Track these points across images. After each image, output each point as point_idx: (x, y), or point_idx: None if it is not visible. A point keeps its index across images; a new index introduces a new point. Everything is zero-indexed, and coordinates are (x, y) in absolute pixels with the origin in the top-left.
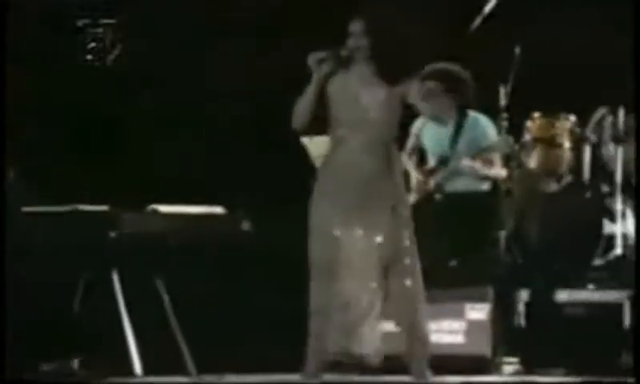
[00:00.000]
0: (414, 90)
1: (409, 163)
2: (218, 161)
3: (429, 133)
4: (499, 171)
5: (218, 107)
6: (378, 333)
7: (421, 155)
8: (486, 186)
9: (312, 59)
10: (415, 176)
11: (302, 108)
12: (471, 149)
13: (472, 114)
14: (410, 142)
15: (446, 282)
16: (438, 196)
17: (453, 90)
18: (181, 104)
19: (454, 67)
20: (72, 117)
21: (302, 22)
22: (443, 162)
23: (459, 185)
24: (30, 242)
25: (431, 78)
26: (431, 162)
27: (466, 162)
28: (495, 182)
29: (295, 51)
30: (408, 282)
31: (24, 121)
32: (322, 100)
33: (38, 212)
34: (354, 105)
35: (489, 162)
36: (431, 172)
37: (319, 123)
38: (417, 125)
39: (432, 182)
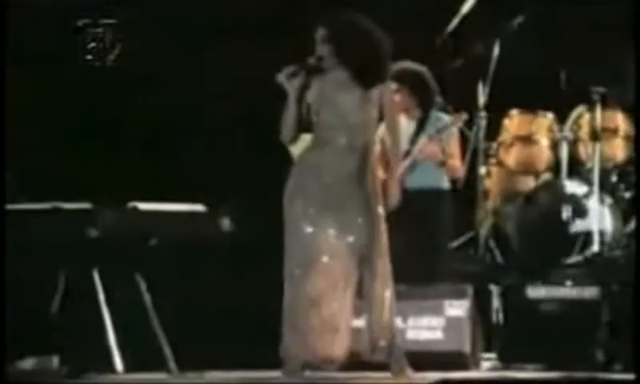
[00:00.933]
0: (386, 103)
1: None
2: (200, 159)
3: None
4: (457, 163)
5: (204, 107)
6: (351, 331)
7: None
8: (445, 185)
9: (282, 76)
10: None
11: (287, 123)
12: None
13: (435, 112)
14: (376, 149)
15: (409, 279)
16: None
17: (415, 90)
18: (168, 104)
19: (415, 66)
20: (67, 116)
21: (298, 24)
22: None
23: (418, 182)
24: (11, 240)
25: (394, 79)
26: None
27: (420, 145)
28: (454, 181)
29: (289, 53)
30: (381, 282)
31: (24, 121)
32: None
33: (19, 210)
34: (333, 110)
35: (446, 153)
36: None
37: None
38: (380, 130)
39: None
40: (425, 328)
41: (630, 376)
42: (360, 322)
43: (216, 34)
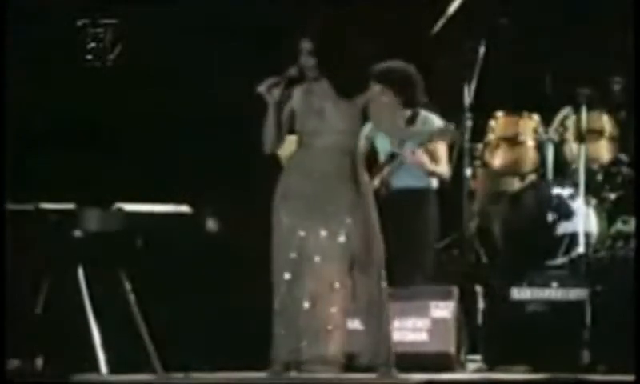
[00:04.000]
0: (374, 107)
1: None
2: (186, 160)
3: (381, 134)
4: (444, 168)
5: (192, 107)
6: (344, 333)
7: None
8: (433, 184)
9: (262, 88)
10: None
11: (268, 135)
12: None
13: (423, 112)
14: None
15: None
16: (382, 191)
17: (402, 89)
18: (157, 105)
19: (401, 65)
20: (59, 116)
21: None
22: (391, 157)
23: (404, 181)
24: None
25: (379, 79)
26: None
27: (409, 152)
28: (441, 180)
29: (279, 57)
30: (373, 282)
31: (23, 121)
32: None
33: (3, 210)
34: (318, 118)
35: (435, 157)
36: (379, 169)
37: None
38: (368, 128)
39: (377, 179)
40: (410, 329)
41: (630, 377)
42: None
43: (211, 35)
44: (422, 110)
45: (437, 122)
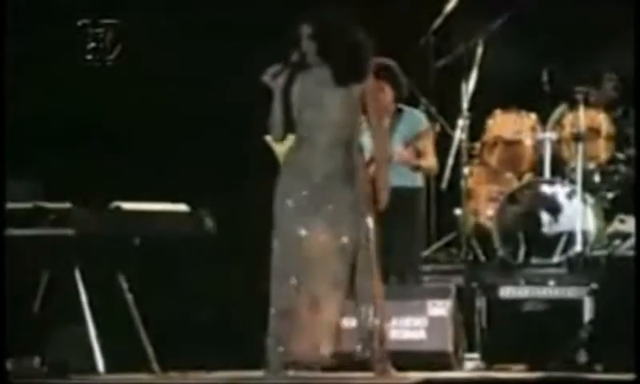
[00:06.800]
0: (370, 103)
1: None
2: (184, 159)
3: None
4: (431, 162)
5: (190, 105)
6: (343, 332)
7: None
8: (419, 183)
9: (267, 77)
10: None
11: (275, 122)
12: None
13: (407, 109)
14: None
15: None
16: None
17: (387, 84)
18: (155, 104)
19: (384, 60)
20: (57, 116)
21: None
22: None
23: (394, 180)
24: None
25: None
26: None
27: (395, 151)
28: (428, 178)
29: (278, 53)
30: (370, 281)
31: (24, 121)
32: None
33: (3, 210)
34: (315, 106)
35: (421, 153)
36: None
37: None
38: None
39: None
40: (407, 328)
41: (630, 376)
42: (346, 322)
43: (211, 35)
44: (406, 107)
45: (422, 118)
